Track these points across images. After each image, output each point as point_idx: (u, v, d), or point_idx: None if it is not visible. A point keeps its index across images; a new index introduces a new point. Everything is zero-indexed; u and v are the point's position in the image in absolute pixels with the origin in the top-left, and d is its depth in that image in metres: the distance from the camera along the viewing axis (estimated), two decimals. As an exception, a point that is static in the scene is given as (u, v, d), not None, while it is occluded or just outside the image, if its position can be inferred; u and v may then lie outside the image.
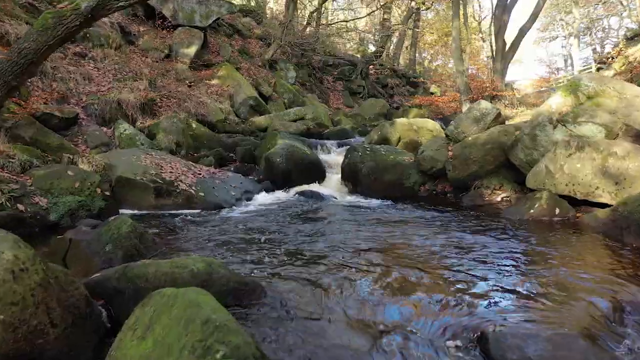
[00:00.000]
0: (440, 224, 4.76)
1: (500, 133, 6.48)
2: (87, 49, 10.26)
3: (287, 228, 4.44)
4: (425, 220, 5.00)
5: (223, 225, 4.59)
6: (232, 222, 4.82)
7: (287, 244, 3.72)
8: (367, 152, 7.09)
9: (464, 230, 4.47)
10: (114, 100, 8.43)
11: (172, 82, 11.04)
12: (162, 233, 4.19)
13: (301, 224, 4.68)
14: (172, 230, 4.39)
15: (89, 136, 7.72)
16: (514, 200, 5.60)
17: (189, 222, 4.81)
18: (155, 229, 4.43)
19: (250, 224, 4.71)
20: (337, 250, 3.53)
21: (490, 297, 2.66)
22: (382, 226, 4.61)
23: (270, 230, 4.31)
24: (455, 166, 6.68)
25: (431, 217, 5.20)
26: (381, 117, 17.93)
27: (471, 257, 3.49)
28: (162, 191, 5.38)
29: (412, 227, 4.58)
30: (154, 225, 4.70)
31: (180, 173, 5.99)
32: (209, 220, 4.95)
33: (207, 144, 9.35)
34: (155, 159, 6.18)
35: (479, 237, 4.22)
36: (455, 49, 10.10)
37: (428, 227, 4.58)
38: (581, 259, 3.54)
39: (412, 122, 8.50)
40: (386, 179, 6.95)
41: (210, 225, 4.63)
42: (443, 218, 5.14)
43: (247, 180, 7.14)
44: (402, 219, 5.05)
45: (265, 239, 3.91)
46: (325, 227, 4.41)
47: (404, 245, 3.79)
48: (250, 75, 14.82)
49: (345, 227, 4.49)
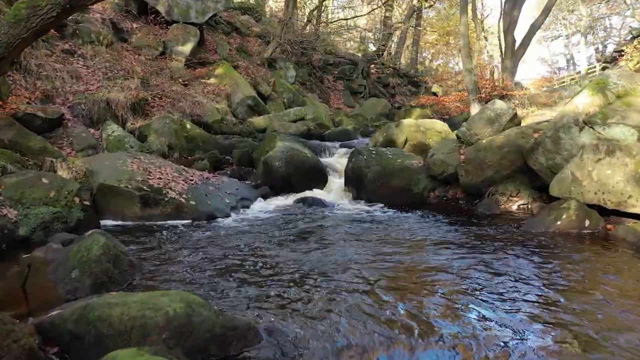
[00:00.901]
0: (456, 239, 4.26)
1: (517, 135, 5.99)
2: (76, 45, 9.75)
3: (286, 246, 3.94)
4: (439, 235, 4.50)
5: (214, 241, 4.09)
6: (225, 236, 4.32)
7: (287, 268, 3.22)
8: (372, 156, 6.60)
9: (484, 247, 3.97)
10: (102, 99, 7.92)
11: (166, 81, 10.54)
12: (143, 251, 3.69)
13: (302, 240, 4.18)
14: (156, 246, 3.89)
15: (75, 138, 7.22)
16: (535, 209, 5.10)
17: (176, 236, 4.30)
18: (138, 245, 3.93)
19: (245, 238, 4.21)
20: (345, 277, 3.04)
21: (527, 341, 2.17)
22: (393, 243, 4.11)
23: (267, 248, 3.81)
24: (468, 171, 6.18)
25: (445, 230, 4.70)
26: (383, 117, 17.48)
27: (497, 284, 3.00)
28: (149, 200, 4.88)
29: (425, 244, 4.08)
30: (137, 239, 4.20)
31: (171, 179, 5.49)
32: (199, 234, 4.44)
33: (203, 145, 8.84)
34: (144, 164, 5.69)
35: (501, 255, 3.73)
36: (463, 46, 9.61)
37: (443, 244, 4.08)
38: (625, 284, 3.05)
39: (420, 123, 8.01)
40: (393, 184, 6.46)
41: (200, 241, 4.13)
42: (458, 231, 4.64)
43: (243, 185, 6.64)
44: (414, 233, 4.55)
45: (261, 263, 3.40)
46: (330, 246, 3.91)
47: (418, 269, 3.29)
48: (248, 74, 14.32)
49: (352, 245, 3.99)
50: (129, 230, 4.59)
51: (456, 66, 40.90)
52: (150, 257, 3.51)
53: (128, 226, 4.75)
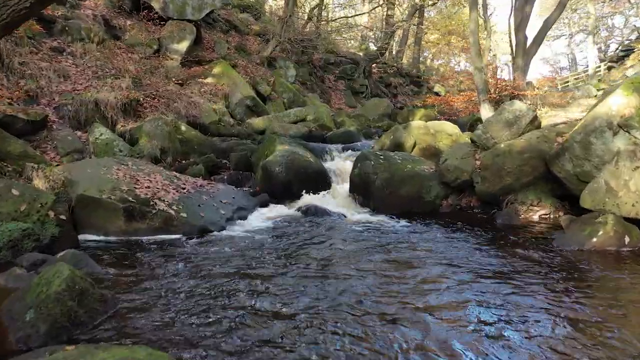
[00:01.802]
0: (480, 261, 3.76)
1: (539, 139, 5.49)
2: (65, 43, 9.24)
3: (285, 272, 3.43)
4: (459, 253, 3.99)
5: (204, 264, 3.58)
6: (217, 257, 3.81)
7: (286, 307, 2.71)
8: (380, 161, 6.10)
9: (513, 270, 3.47)
10: (90, 100, 7.41)
11: (161, 80, 10.03)
12: (121, 277, 3.19)
13: (305, 262, 3.68)
14: (138, 270, 3.38)
15: (60, 142, 6.72)
16: (564, 222, 4.60)
17: (162, 256, 3.80)
18: (117, 268, 3.42)
19: (239, 260, 3.71)
20: (356, 316, 2.54)
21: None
22: (407, 265, 3.61)
23: (263, 277, 3.30)
24: (485, 178, 5.69)
25: (466, 249, 4.19)
26: (385, 117, 17.01)
27: (534, 323, 2.50)
28: (134, 212, 4.38)
29: (445, 266, 3.57)
30: (117, 259, 3.70)
31: (160, 188, 4.99)
32: (188, 253, 3.94)
33: (198, 148, 8.34)
34: (131, 171, 5.18)
35: (533, 279, 3.23)
36: (473, 44, 9.10)
37: (464, 265, 3.59)
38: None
39: (429, 125, 7.51)
40: (403, 192, 5.95)
41: (188, 262, 3.62)
42: (480, 249, 4.14)
43: (240, 193, 6.14)
44: (431, 253, 4.04)
45: (255, 297, 2.90)
46: (336, 272, 3.39)
47: (440, 303, 2.79)
48: (247, 73, 13.81)
49: (362, 267, 3.49)
50: (110, 247, 4.09)
51: (457, 66, 40.46)
52: (128, 285, 3.00)
53: (110, 242, 4.25)
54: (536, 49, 9.71)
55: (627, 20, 36.53)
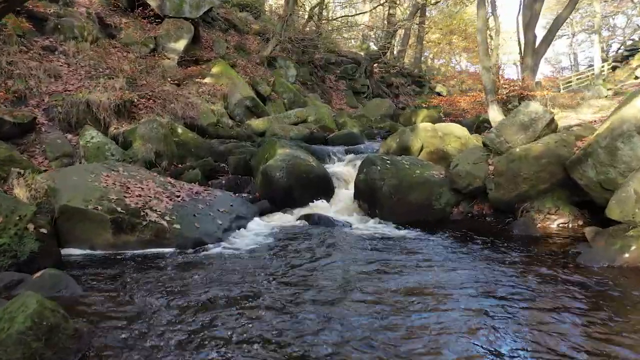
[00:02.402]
0: (496, 278, 3.42)
1: (558, 144, 5.15)
2: (57, 42, 8.89)
3: (286, 295, 3.08)
4: (475, 271, 3.64)
5: (196, 283, 3.24)
6: (211, 274, 3.46)
7: (284, 340, 2.37)
8: (387, 167, 5.75)
9: (534, 290, 3.14)
10: (82, 101, 7.07)
11: (157, 80, 9.68)
12: (103, 302, 2.84)
13: (308, 285, 3.33)
14: (123, 294, 3.03)
15: (49, 145, 6.37)
16: (588, 234, 4.25)
17: (151, 275, 3.45)
18: (99, 291, 3.08)
19: (235, 278, 3.36)
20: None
21: None
22: (423, 287, 3.27)
23: (260, 302, 2.96)
24: (499, 184, 5.34)
25: (481, 263, 3.85)
26: (387, 118, 16.68)
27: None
28: (122, 224, 4.03)
29: (466, 292, 3.21)
30: (102, 278, 3.36)
31: (153, 196, 4.64)
32: (180, 269, 3.59)
33: (195, 151, 8.00)
34: (121, 178, 4.84)
35: (563, 305, 2.89)
36: (480, 42, 8.76)
37: (482, 287, 3.24)
38: None
39: (437, 127, 7.16)
40: (411, 199, 5.61)
41: (180, 281, 3.28)
42: (496, 264, 3.80)
43: (239, 200, 5.79)
44: (447, 272, 3.70)
45: (250, 329, 2.56)
46: (343, 296, 3.05)
47: (464, 336, 2.45)
48: (247, 73, 13.47)
49: (370, 293, 3.14)
50: (96, 263, 3.74)
51: (457, 66, 40.07)
52: (109, 312, 2.66)
53: (97, 257, 3.90)
54: (546, 47, 9.37)
55: (630, 19, 36.20)
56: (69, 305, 2.72)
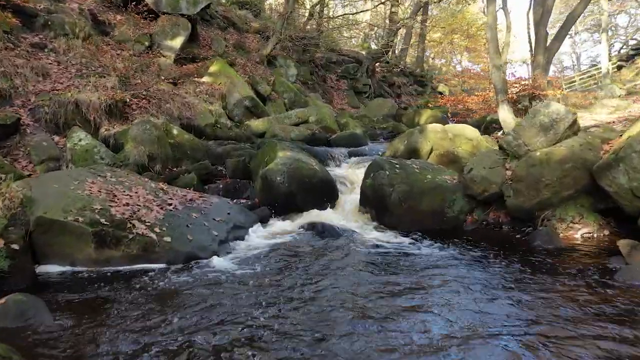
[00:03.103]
0: (529, 303, 3.02)
1: (583, 147, 4.74)
2: (47, 39, 8.49)
3: (289, 321, 2.68)
4: (499, 291, 3.25)
5: (185, 308, 2.83)
6: (203, 300, 3.05)
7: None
8: (396, 171, 5.34)
9: (572, 319, 2.73)
10: (70, 100, 6.66)
11: (152, 79, 9.27)
12: (75, 335, 2.43)
13: (312, 312, 2.92)
14: (100, 323, 2.63)
15: (34, 148, 5.97)
16: (623, 248, 3.84)
17: (135, 299, 3.04)
18: (74, 318, 2.67)
19: (230, 303, 2.96)
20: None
21: None
22: (439, 314, 2.87)
23: (258, 339, 2.55)
24: (518, 191, 4.94)
25: (505, 282, 3.45)
26: (389, 118, 16.31)
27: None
28: (106, 238, 3.62)
29: (488, 316, 2.82)
30: (78, 302, 2.95)
31: (142, 205, 4.23)
32: (168, 290, 3.19)
33: (191, 154, 7.59)
34: (108, 184, 4.43)
35: (610, 330, 2.49)
36: (491, 39, 8.35)
37: (511, 315, 2.84)
38: None
39: (447, 128, 6.75)
40: (423, 206, 5.20)
41: (166, 306, 2.87)
42: (522, 283, 3.40)
43: (237, 208, 5.38)
44: (464, 288, 3.30)
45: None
46: (354, 326, 2.65)
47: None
48: (246, 72, 13.06)
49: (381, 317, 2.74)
50: (75, 282, 3.34)
51: (458, 65, 39.62)
52: (80, 350, 2.25)
53: (77, 275, 3.50)
54: (558, 45, 8.98)
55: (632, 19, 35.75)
56: (35, 340, 2.33)
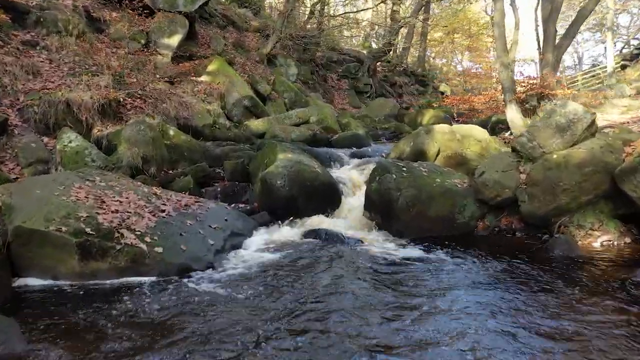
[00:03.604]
0: (557, 325, 2.73)
1: (604, 150, 4.45)
2: (39, 36, 8.20)
3: (285, 350, 2.39)
4: (522, 311, 2.96)
5: (173, 336, 2.54)
6: (194, 319, 2.76)
7: None
8: (403, 175, 5.05)
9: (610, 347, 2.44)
10: (61, 100, 6.36)
11: (148, 78, 8.98)
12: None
13: (314, 334, 2.63)
14: (78, 349, 2.34)
15: (22, 150, 5.68)
16: None
17: (120, 318, 2.75)
18: (48, 343, 2.38)
19: (224, 322, 2.66)
20: None
21: None
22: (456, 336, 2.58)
23: None
24: (533, 196, 4.65)
25: (530, 300, 3.16)
26: (391, 118, 16.03)
27: None
28: (91, 249, 3.33)
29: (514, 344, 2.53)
30: (56, 323, 2.66)
31: (132, 212, 3.94)
32: (156, 308, 2.90)
33: (188, 155, 7.30)
34: (97, 189, 4.14)
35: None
36: (498, 36, 8.07)
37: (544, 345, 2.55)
38: None
39: (455, 129, 6.46)
40: (432, 212, 4.91)
41: (152, 330, 2.58)
42: (550, 302, 3.10)
43: (235, 213, 5.08)
44: (482, 305, 3.01)
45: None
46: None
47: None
48: (245, 71, 12.77)
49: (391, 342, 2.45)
50: (56, 298, 3.05)
51: (459, 65, 39.34)
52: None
53: (59, 290, 3.21)
54: (568, 43, 8.71)
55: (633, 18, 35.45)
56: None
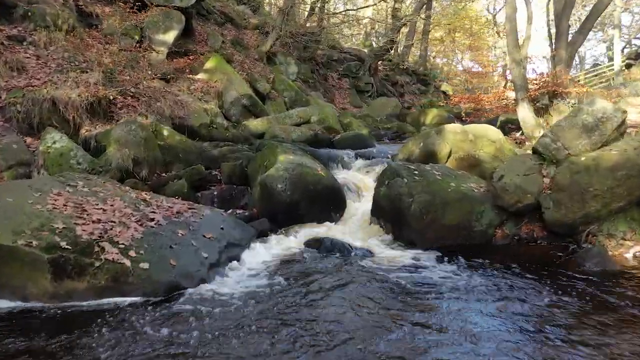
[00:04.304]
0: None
1: (638, 151, 4.04)
2: (27, 31, 7.78)
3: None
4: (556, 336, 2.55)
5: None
6: (180, 350, 2.35)
7: None
8: (415, 179, 4.64)
9: None
10: (46, 98, 5.95)
11: (142, 75, 8.55)
12: None
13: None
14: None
15: (2, 152, 5.26)
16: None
17: (93, 349, 2.34)
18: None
19: (215, 353, 2.25)
20: None
21: None
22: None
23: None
24: (559, 202, 4.24)
25: (564, 326, 2.75)
26: (394, 118, 15.66)
27: None
28: (66, 266, 2.91)
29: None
30: (17, 356, 2.25)
31: (117, 221, 3.52)
32: (137, 338, 2.48)
33: (184, 157, 6.89)
34: (78, 196, 3.73)
35: None
36: (510, 31, 7.67)
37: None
38: None
39: (468, 129, 6.05)
40: (447, 220, 4.49)
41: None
42: (584, 324, 2.70)
43: (231, 221, 4.66)
44: (510, 330, 2.60)
45: None
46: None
47: None
48: (244, 69, 12.34)
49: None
50: (24, 324, 2.64)
51: (459, 64, 38.97)
52: None
53: (30, 312, 2.79)
54: (582, 39, 8.32)
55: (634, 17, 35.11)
56: None
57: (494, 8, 29.74)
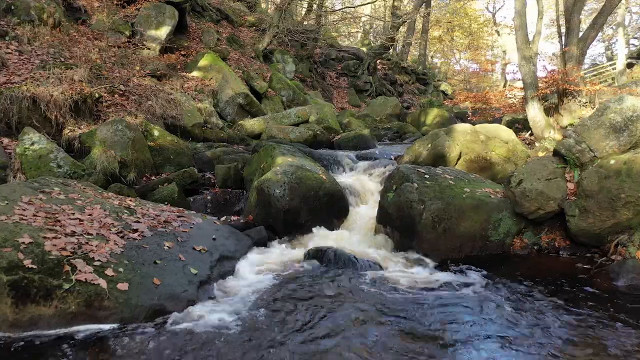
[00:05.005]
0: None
1: (675, 154, 3.66)
2: (9, 25, 7.35)
3: None
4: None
5: None
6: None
7: None
8: (427, 184, 4.24)
9: None
10: (26, 95, 5.52)
11: (132, 72, 8.14)
12: None
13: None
14: None
15: (-24, 153, 4.84)
16: None
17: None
18: None
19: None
20: None
21: None
22: None
23: None
24: (586, 210, 3.85)
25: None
26: (394, 118, 15.32)
27: None
28: (30, 289, 2.50)
29: None
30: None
31: (95, 234, 3.11)
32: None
33: (175, 159, 6.49)
34: (51, 204, 3.31)
35: None
36: (519, 27, 7.29)
37: None
38: None
39: (479, 129, 5.67)
40: (462, 229, 4.10)
41: None
42: None
43: (225, 230, 4.25)
44: None
45: None
46: None
47: None
48: (240, 67, 11.94)
49: None
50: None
51: (457, 64, 38.67)
52: None
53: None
54: (594, 34, 7.93)
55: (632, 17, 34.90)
56: None
57: (493, 7, 29.50)
